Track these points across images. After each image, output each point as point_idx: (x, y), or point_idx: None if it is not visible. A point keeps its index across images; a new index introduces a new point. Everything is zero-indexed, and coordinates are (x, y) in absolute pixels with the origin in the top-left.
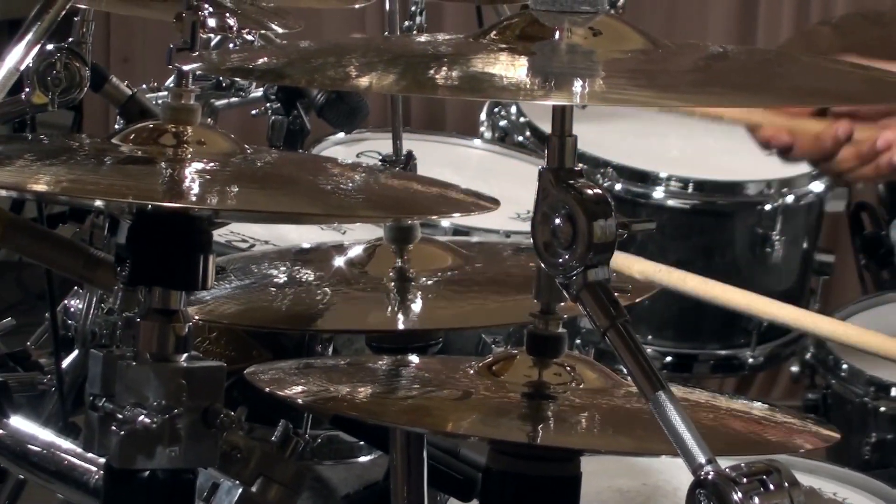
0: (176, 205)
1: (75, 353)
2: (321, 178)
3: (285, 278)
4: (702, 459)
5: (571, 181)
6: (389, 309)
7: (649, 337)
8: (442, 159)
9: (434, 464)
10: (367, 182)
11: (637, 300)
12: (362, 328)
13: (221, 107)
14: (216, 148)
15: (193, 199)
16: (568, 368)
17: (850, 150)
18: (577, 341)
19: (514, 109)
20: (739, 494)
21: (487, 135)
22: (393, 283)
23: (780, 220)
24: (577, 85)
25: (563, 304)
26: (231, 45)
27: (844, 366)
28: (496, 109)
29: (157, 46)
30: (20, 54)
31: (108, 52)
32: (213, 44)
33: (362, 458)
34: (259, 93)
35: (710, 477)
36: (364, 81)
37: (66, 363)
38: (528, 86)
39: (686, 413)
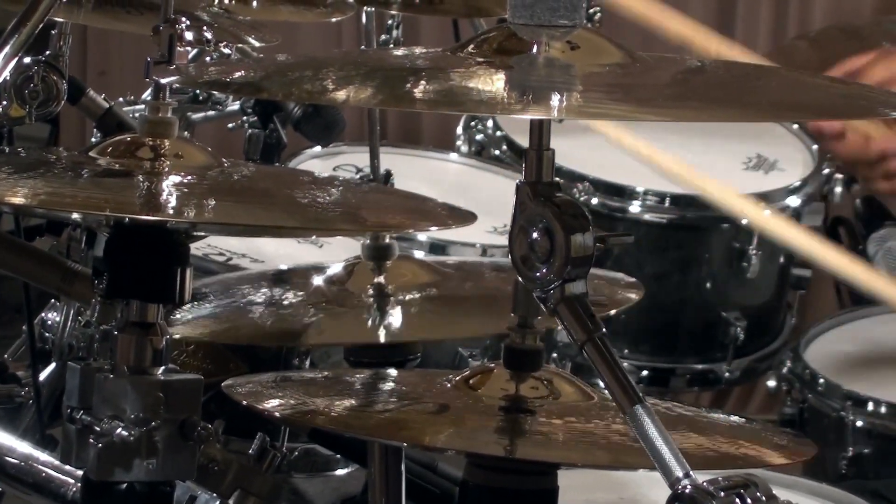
0: (153, 218)
1: (52, 365)
2: (298, 191)
3: (265, 300)
4: (679, 473)
5: (549, 195)
6: (369, 323)
7: (626, 351)
8: (418, 173)
9: (412, 478)
10: (343, 195)
11: (613, 313)
12: (343, 341)
13: (198, 120)
14: (193, 161)
15: (170, 212)
16: (545, 382)
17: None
18: (554, 355)
19: (490, 123)
20: None
21: (464, 149)
22: (372, 300)
23: (757, 234)
24: (555, 99)
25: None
26: (208, 59)
27: (821, 380)
28: (473, 123)
29: (134, 59)
30: None
31: (84, 65)
32: (189, 57)
33: (339, 472)
34: (236, 106)
35: (687, 491)
36: (341, 95)
37: (43, 376)
38: (505, 100)
39: (663, 427)
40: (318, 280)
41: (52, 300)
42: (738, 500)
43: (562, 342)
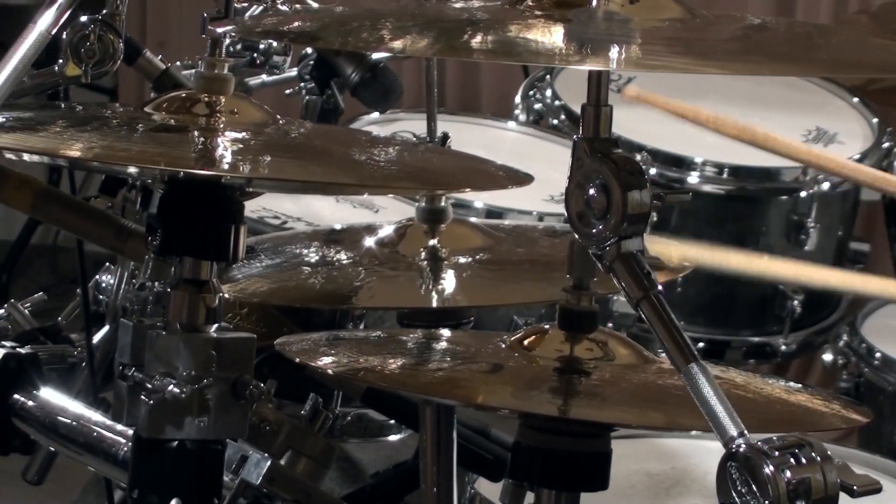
0: (208, 172)
1: (106, 328)
2: (354, 149)
3: (317, 258)
4: (734, 432)
5: (606, 151)
6: (422, 287)
7: (681, 323)
8: (476, 141)
9: (464, 443)
10: (400, 154)
11: (670, 279)
12: (395, 305)
13: (255, 86)
14: (249, 118)
15: (225, 167)
16: (600, 344)
17: None
18: (610, 325)
19: (549, 92)
20: (771, 468)
21: (522, 117)
22: (425, 263)
23: (816, 207)
24: (614, 50)
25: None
26: None
27: (878, 354)
28: (531, 92)
29: (193, 30)
30: (51, 19)
31: (144, 36)
32: (248, 15)
33: (392, 438)
34: (293, 72)
35: (741, 450)
36: (398, 45)
37: (96, 338)
38: (563, 50)
39: (718, 386)
40: (369, 241)
41: (107, 263)
42: (792, 459)
43: (618, 312)
